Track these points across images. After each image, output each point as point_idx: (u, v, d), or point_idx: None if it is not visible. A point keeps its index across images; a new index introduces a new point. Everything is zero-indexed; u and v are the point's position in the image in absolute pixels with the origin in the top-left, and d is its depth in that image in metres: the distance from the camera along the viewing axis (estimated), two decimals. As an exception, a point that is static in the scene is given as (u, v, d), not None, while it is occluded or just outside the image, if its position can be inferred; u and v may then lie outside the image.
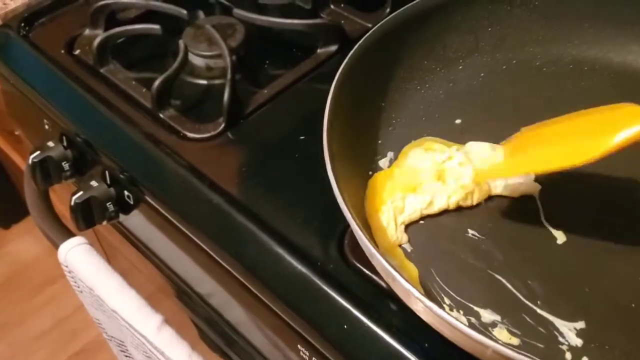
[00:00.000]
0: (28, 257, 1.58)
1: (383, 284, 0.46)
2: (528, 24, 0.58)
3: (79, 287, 0.69)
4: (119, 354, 0.78)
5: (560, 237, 0.45)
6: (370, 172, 0.50)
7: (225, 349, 0.69)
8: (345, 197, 0.40)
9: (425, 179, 0.47)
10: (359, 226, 0.39)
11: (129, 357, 0.74)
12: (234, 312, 0.57)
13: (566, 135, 0.43)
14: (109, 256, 0.95)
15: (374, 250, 0.37)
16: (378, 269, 0.40)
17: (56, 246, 0.68)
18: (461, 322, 0.34)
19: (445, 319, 0.34)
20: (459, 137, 0.51)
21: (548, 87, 0.56)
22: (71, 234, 0.69)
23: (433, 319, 0.37)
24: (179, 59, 0.60)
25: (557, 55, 0.57)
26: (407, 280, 0.35)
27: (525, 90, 0.56)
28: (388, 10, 0.68)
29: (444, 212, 0.47)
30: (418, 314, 0.39)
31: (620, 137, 0.38)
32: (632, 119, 0.39)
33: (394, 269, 0.36)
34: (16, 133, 1.08)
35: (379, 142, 0.52)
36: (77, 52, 0.67)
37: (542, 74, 0.57)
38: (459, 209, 0.47)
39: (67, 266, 0.67)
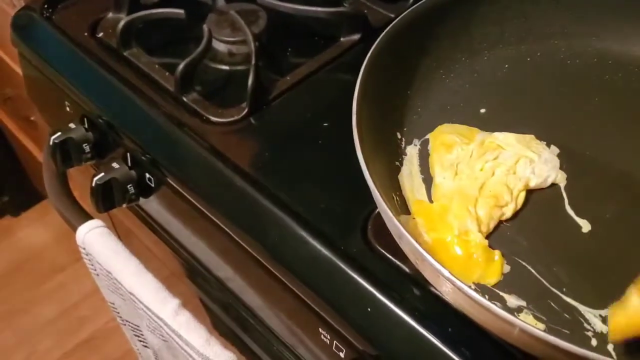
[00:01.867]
0: (37, 245, 1.58)
1: (407, 269, 0.46)
2: (553, 17, 0.58)
3: (95, 269, 0.70)
4: (132, 338, 0.78)
5: (585, 226, 0.45)
6: (397, 163, 0.50)
7: (241, 334, 0.69)
8: (374, 177, 0.40)
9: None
10: (387, 205, 0.39)
11: (143, 341, 0.74)
12: (253, 295, 0.57)
13: None
14: (122, 238, 0.95)
15: (403, 230, 0.37)
16: (406, 250, 0.40)
17: (74, 228, 0.68)
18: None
19: (475, 298, 0.34)
20: (483, 127, 0.51)
21: (572, 80, 0.56)
22: (89, 217, 0.69)
23: (462, 300, 0.37)
24: (203, 43, 0.61)
25: (581, 49, 0.57)
26: (435, 260, 0.36)
27: (549, 82, 0.56)
28: (411, 0, 0.68)
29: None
30: (445, 295, 0.39)
31: None
32: None
33: (423, 249, 0.36)
34: (32, 119, 1.09)
35: (405, 129, 0.52)
36: (100, 34, 0.67)
37: (567, 66, 0.57)
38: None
39: (84, 248, 0.68)
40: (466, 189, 0.46)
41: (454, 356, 0.41)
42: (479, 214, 0.45)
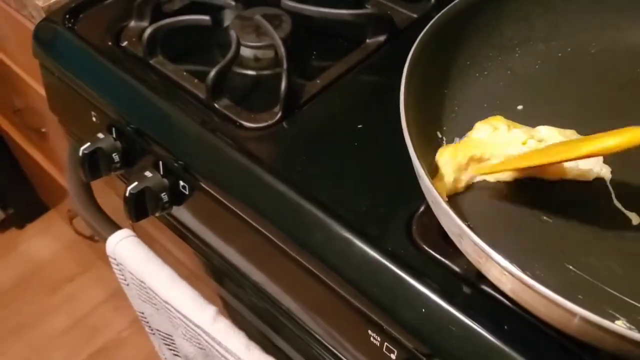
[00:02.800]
0: (43, 257, 1.57)
1: (456, 267, 0.46)
2: (582, 12, 0.58)
3: (125, 279, 0.69)
4: (161, 347, 0.78)
5: (635, 218, 0.45)
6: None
7: (272, 335, 0.69)
8: (426, 170, 0.40)
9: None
10: (445, 201, 0.39)
11: (174, 349, 0.74)
12: (294, 299, 0.57)
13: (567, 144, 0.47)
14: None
15: (466, 228, 0.37)
16: (467, 248, 0.40)
17: (103, 239, 0.68)
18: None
19: (544, 293, 0.34)
20: (523, 123, 0.52)
21: (604, 73, 0.56)
22: (117, 227, 0.69)
23: (524, 292, 0.37)
24: (232, 49, 0.61)
25: (610, 41, 0.57)
26: (501, 257, 0.36)
27: (581, 77, 0.56)
28: (433, 1, 0.68)
29: (516, 196, 0.48)
30: (509, 292, 0.39)
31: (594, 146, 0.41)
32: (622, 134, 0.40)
33: (488, 245, 0.36)
34: (42, 130, 1.08)
35: (444, 128, 0.52)
36: (124, 43, 0.67)
37: (598, 61, 0.57)
38: (530, 194, 0.48)
39: (115, 259, 0.67)
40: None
41: (512, 353, 0.41)
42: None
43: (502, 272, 0.36)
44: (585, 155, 0.42)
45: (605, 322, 0.33)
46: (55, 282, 1.51)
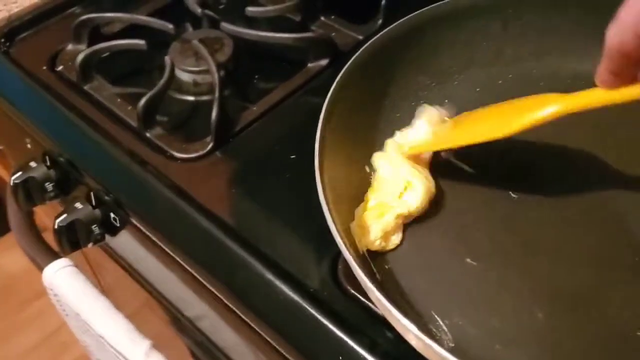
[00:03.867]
0: (14, 271, 1.55)
1: (379, 312, 0.44)
2: (522, 38, 0.56)
3: (64, 310, 0.67)
4: (108, 377, 0.76)
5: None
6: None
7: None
8: (337, 225, 0.39)
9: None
10: (352, 256, 0.37)
11: (118, 381, 0.71)
12: (225, 336, 0.55)
13: (492, 116, 0.48)
14: (96, 272, 0.93)
15: (371, 285, 0.35)
16: (375, 302, 0.38)
17: (40, 269, 0.66)
18: None
19: (446, 357, 0.32)
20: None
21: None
22: (56, 255, 0.67)
23: (426, 350, 0.35)
24: (165, 76, 0.59)
25: (554, 69, 0.56)
26: (404, 317, 0.34)
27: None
28: (380, 22, 0.66)
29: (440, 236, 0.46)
30: (417, 349, 0.37)
31: (529, 118, 0.43)
32: (547, 103, 0.43)
33: (391, 303, 0.35)
34: (0, 148, 1.06)
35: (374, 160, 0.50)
36: (59, 68, 0.65)
37: (540, 88, 0.55)
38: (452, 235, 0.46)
39: (52, 289, 0.65)
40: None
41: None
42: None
43: (406, 330, 0.34)
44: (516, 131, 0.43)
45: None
46: (25, 298, 1.49)
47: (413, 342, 0.36)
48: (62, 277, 0.64)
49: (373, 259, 0.44)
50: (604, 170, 0.49)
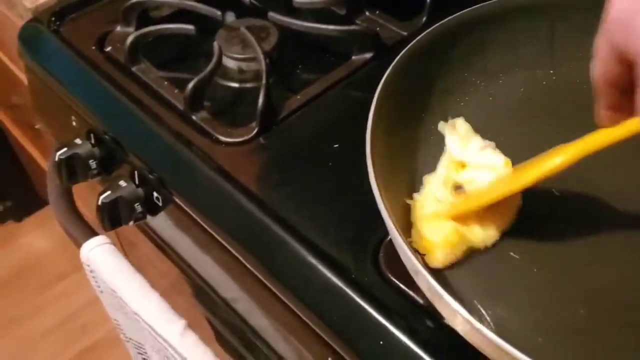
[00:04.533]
0: (40, 251, 1.57)
1: (420, 300, 0.45)
2: (568, 40, 0.56)
3: (99, 287, 0.69)
4: (136, 356, 0.77)
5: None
6: (413, 193, 0.48)
7: (245, 353, 0.68)
8: (388, 209, 0.39)
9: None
10: (404, 240, 0.38)
11: (147, 359, 0.73)
12: (260, 319, 0.56)
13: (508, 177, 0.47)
14: (125, 249, 0.94)
15: (420, 267, 0.36)
16: (422, 287, 0.39)
17: (78, 245, 0.67)
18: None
19: (493, 339, 0.33)
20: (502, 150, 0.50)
21: (588, 103, 0.54)
22: (94, 233, 0.68)
23: (473, 335, 0.35)
24: (214, 61, 0.60)
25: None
26: (452, 298, 0.34)
27: (564, 106, 0.55)
28: (424, 19, 0.67)
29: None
30: (461, 333, 0.38)
31: (536, 172, 0.43)
32: (554, 156, 0.42)
33: (441, 286, 0.35)
34: (36, 127, 1.08)
35: (419, 152, 0.50)
36: (108, 49, 0.66)
37: (583, 91, 0.55)
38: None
39: (89, 265, 0.67)
40: None
41: (467, 393, 0.40)
42: None
43: (454, 314, 0.35)
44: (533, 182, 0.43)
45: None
46: (49, 279, 1.51)
47: (459, 326, 0.36)
48: (99, 254, 0.66)
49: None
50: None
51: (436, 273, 0.43)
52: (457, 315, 0.35)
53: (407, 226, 0.46)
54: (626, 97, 0.36)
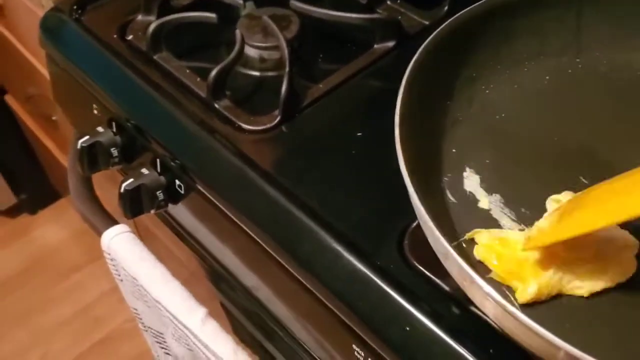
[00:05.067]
0: (53, 244, 1.58)
1: (445, 286, 0.44)
2: (595, 28, 0.56)
3: (119, 275, 0.69)
4: (154, 345, 0.77)
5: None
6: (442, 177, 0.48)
7: (264, 341, 0.68)
8: (417, 190, 0.39)
9: None
10: (433, 222, 0.37)
11: (166, 348, 0.73)
12: (282, 307, 0.56)
13: (614, 193, 0.40)
14: (143, 238, 0.94)
15: (451, 249, 0.36)
16: (452, 271, 0.38)
17: (99, 233, 0.67)
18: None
19: (525, 322, 0.33)
20: (525, 138, 0.50)
21: (615, 92, 0.54)
22: (114, 221, 0.68)
23: (506, 319, 0.35)
24: (236, 49, 0.59)
25: (625, 61, 0.55)
26: (484, 281, 0.34)
27: (591, 94, 0.54)
28: (446, 8, 0.67)
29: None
30: (492, 317, 0.38)
31: None
32: None
33: (471, 268, 0.35)
34: (53, 118, 1.08)
35: (444, 139, 0.50)
36: (129, 37, 0.66)
37: (609, 79, 0.55)
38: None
39: (109, 254, 0.67)
40: None
41: (495, 379, 0.40)
42: None
43: (485, 297, 0.34)
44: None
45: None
46: (63, 270, 1.52)
47: (491, 310, 0.36)
48: (120, 242, 0.66)
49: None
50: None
51: (466, 258, 0.42)
52: (488, 299, 0.34)
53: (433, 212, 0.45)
54: None
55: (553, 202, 0.45)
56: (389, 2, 0.69)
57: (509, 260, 0.42)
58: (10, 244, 1.59)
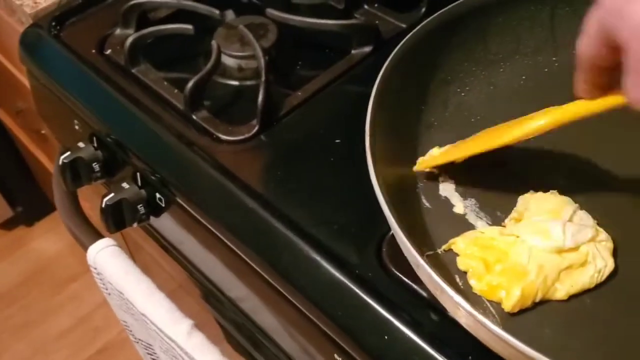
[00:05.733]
0: (50, 255, 1.58)
1: (424, 293, 0.44)
2: (569, 26, 0.55)
3: (107, 289, 0.69)
4: (146, 357, 0.77)
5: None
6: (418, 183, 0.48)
7: (253, 352, 0.68)
8: (389, 204, 0.39)
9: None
10: (404, 232, 0.37)
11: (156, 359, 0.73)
12: (266, 317, 0.56)
13: (492, 132, 0.48)
14: (132, 252, 0.94)
15: (421, 260, 0.36)
16: (424, 280, 0.38)
17: (85, 248, 0.67)
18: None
19: (499, 334, 0.33)
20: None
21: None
22: (99, 235, 0.68)
23: (483, 334, 0.35)
24: (212, 60, 0.59)
25: (601, 58, 0.55)
26: (454, 291, 0.34)
27: (568, 93, 0.54)
28: (423, 10, 0.66)
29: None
30: (465, 326, 0.38)
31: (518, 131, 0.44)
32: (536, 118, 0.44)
33: (441, 278, 0.35)
34: (42, 132, 1.08)
35: (419, 144, 0.50)
36: (108, 51, 0.66)
37: (586, 76, 0.55)
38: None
39: (95, 268, 0.67)
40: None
41: (474, 386, 0.40)
42: None
43: (456, 306, 0.34)
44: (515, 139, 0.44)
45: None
46: (61, 281, 1.52)
47: (463, 320, 0.36)
48: (105, 256, 0.66)
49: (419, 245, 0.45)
50: None
51: (439, 268, 0.42)
52: (459, 309, 0.34)
53: (407, 221, 0.45)
54: (606, 74, 0.38)
55: (523, 200, 0.45)
56: (366, 6, 0.69)
57: (493, 263, 0.42)
58: (7, 256, 1.59)
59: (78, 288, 1.51)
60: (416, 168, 0.49)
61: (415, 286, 0.45)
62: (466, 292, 0.41)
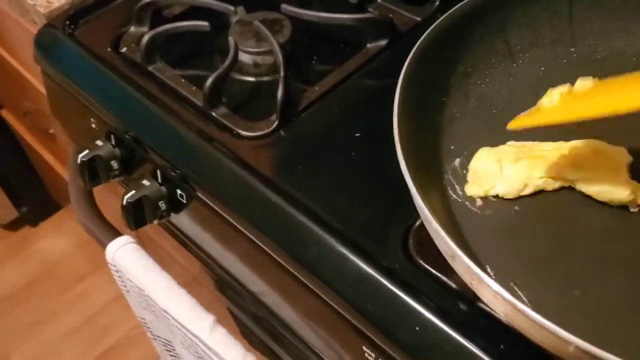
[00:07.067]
0: (56, 255, 1.58)
1: (452, 284, 0.45)
2: (588, 16, 0.56)
3: (125, 286, 0.69)
4: (163, 353, 0.78)
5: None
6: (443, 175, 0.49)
7: (272, 345, 0.69)
8: (420, 193, 0.39)
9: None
10: (438, 222, 0.37)
11: (175, 356, 0.73)
12: (290, 311, 0.56)
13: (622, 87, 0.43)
14: (144, 246, 0.94)
15: (457, 250, 0.36)
16: (459, 270, 0.38)
17: (103, 246, 0.67)
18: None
19: (536, 319, 0.33)
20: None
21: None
22: (117, 233, 0.68)
23: (516, 316, 0.35)
24: (230, 56, 0.60)
25: (619, 48, 0.56)
26: (495, 282, 0.34)
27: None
28: (437, 3, 0.67)
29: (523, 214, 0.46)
30: (502, 315, 0.38)
31: None
32: None
33: (479, 268, 0.35)
34: (50, 132, 1.08)
35: (442, 137, 0.50)
36: (123, 49, 0.66)
37: (604, 67, 0.55)
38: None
39: (114, 265, 0.67)
40: None
41: (506, 374, 0.40)
42: None
43: (494, 295, 0.35)
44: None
45: (602, 353, 0.32)
46: (68, 281, 1.52)
47: (500, 308, 0.36)
48: (124, 253, 0.66)
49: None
50: None
51: (472, 257, 0.43)
52: (497, 297, 0.35)
53: (436, 212, 0.45)
54: None
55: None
56: (379, 1, 0.69)
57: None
58: (14, 257, 1.59)
59: (85, 287, 1.51)
60: (510, 126, 0.47)
61: (443, 277, 0.45)
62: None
